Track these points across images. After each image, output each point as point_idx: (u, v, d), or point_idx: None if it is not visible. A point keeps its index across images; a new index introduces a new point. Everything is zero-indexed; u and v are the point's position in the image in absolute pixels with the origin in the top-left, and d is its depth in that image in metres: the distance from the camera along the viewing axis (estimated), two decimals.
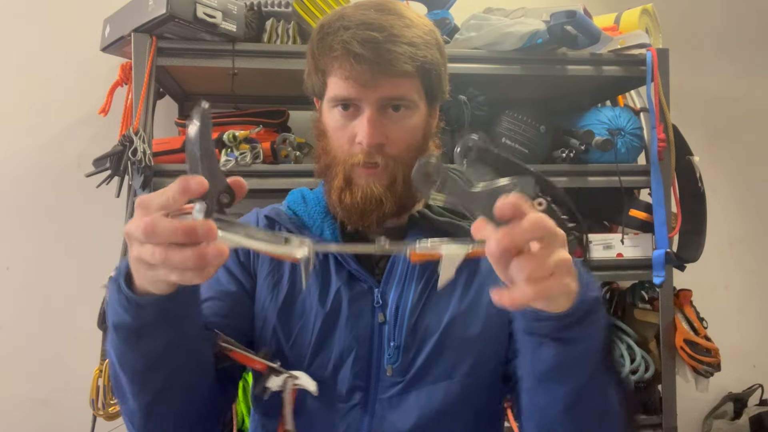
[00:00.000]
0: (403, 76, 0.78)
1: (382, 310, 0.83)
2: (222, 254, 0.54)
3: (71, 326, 1.81)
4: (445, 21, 1.57)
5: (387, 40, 0.76)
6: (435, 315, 0.83)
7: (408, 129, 0.81)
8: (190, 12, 1.34)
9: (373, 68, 0.76)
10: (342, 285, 0.84)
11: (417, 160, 0.61)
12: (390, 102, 0.80)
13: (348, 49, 0.76)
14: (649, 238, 1.62)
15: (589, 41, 1.52)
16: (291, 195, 0.94)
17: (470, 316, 0.84)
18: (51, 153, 1.85)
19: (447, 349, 0.82)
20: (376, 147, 0.79)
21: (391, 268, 0.85)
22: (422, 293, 0.84)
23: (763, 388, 2.12)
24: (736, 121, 2.22)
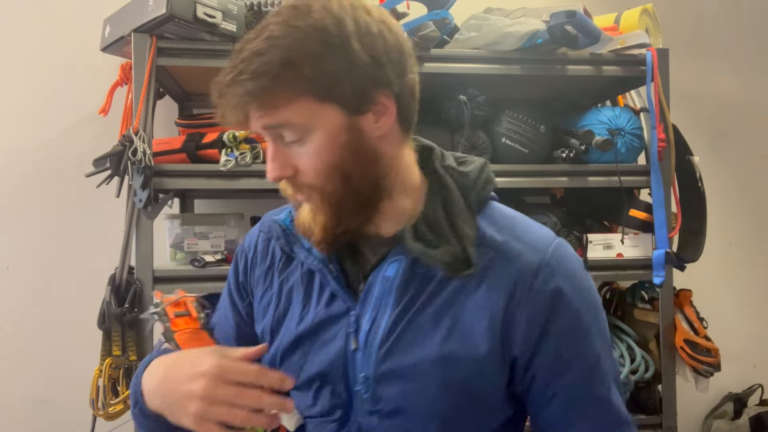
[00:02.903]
0: (273, 107, 0.69)
1: (356, 336, 0.78)
2: None
3: (71, 326, 1.81)
4: (445, 21, 1.56)
5: (231, 81, 0.68)
6: (408, 353, 0.75)
7: (310, 154, 0.71)
8: (190, 12, 1.34)
9: (233, 112, 0.70)
10: (322, 305, 0.81)
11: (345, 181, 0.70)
12: (278, 132, 0.71)
13: (212, 96, 0.71)
14: (649, 238, 1.62)
15: (589, 41, 1.52)
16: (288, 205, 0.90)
17: (449, 361, 0.74)
18: (51, 153, 1.85)
19: (426, 391, 0.75)
20: (287, 179, 0.73)
21: (369, 290, 0.78)
22: (397, 321, 0.76)
23: (763, 388, 2.12)
24: (736, 121, 2.22)
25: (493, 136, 1.62)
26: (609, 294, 1.87)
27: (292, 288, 0.85)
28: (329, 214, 0.73)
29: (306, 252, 0.82)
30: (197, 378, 0.69)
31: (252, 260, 0.90)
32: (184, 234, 1.54)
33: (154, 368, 0.78)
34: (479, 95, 1.57)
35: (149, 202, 1.36)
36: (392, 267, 0.77)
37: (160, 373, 0.76)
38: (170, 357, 0.78)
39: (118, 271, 1.40)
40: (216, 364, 0.70)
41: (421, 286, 0.76)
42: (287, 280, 0.85)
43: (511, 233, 0.77)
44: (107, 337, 1.37)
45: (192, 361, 0.73)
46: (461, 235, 0.75)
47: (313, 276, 0.83)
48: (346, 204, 0.73)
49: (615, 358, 0.81)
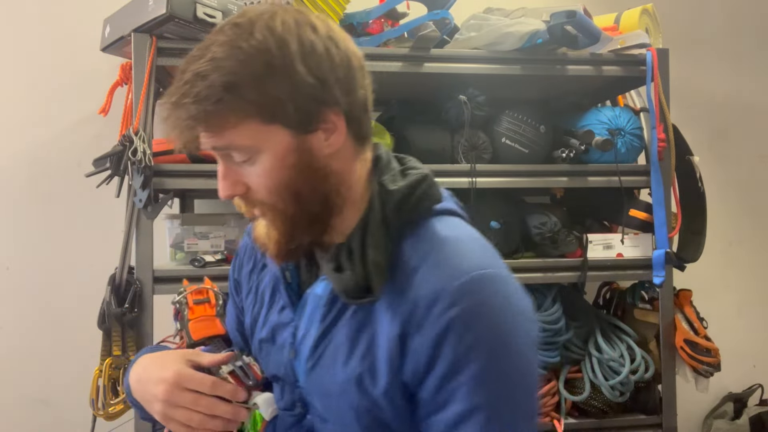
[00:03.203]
0: (220, 129, 0.68)
1: (293, 346, 0.83)
2: None
3: (71, 326, 1.81)
4: (445, 21, 1.57)
5: (173, 105, 0.68)
6: (331, 370, 0.76)
7: (259, 174, 0.71)
8: (190, 12, 1.34)
9: (180, 134, 0.69)
10: (276, 311, 0.87)
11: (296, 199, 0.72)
12: (227, 152, 0.71)
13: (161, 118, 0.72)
14: (649, 238, 1.62)
15: (589, 41, 1.52)
16: None
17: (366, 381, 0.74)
18: (51, 153, 1.85)
19: (341, 410, 0.76)
20: (239, 197, 0.74)
21: (303, 304, 0.81)
22: (321, 338, 0.78)
23: (763, 388, 2.12)
24: (736, 121, 2.22)
25: (493, 136, 1.62)
26: (609, 294, 1.87)
27: (264, 290, 0.91)
28: (281, 230, 0.74)
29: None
30: (160, 383, 0.78)
31: (242, 259, 0.97)
32: (184, 234, 1.54)
33: (136, 366, 0.86)
34: (479, 95, 1.57)
35: (149, 202, 1.36)
36: (321, 285, 0.79)
37: (137, 374, 0.84)
38: (147, 358, 0.85)
39: (118, 271, 1.40)
40: (176, 372, 0.78)
41: (344, 307, 0.77)
42: (262, 281, 0.92)
43: (427, 258, 0.71)
44: (107, 337, 1.37)
45: (160, 366, 0.81)
46: (366, 261, 0.72)
47: (278, 280, 0.86)
48: (298, 221, 0.73)
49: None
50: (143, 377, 0.83)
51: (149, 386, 0.80)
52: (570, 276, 1.59)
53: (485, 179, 1.54)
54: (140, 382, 0.83)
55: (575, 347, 1.62)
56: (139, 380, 0.83)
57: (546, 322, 1.56)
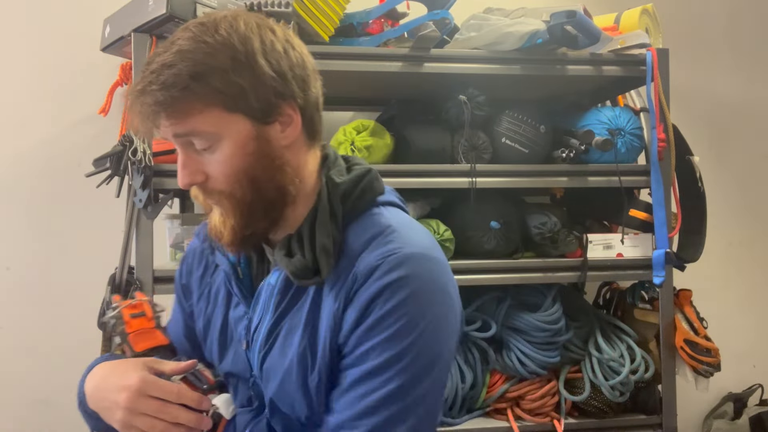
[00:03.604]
0: (184, 115, 0.72)
1: (246, 337, 0.86)
2: None
3: (71, 326, 1.81)
4: (445, 21, 1.56)
5: (140, 92, 0.72)
6: (282, 353, 0.82)
7: (220, 162, 0.75)
8: (190, 12, 1.34)
9: (143, 121, 0.74)
10: (232, 307, 0.90)
11: (254, 187, 0.75)
12: (188, 140, 0.75)
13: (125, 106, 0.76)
14: (649, 238, 1.62)
15: (589, 41, 1.52)
16: None
17: (306, 354, 0.80)
18: (51, 153, 1.85)
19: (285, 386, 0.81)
20: (198, 186, 0.77)
21: (258, 295, 0.85)
22: (275, 324, 0.83)
23: (763, 388, 2.12)
24: (736, 121, 2.22)
25: (493, 136, 1.62)
26: (609, 294, 1.87)
27: (217, 291, 0.93)
28: (238, 217, 0.77)
29: (222, 256, 0.89)
30: (122, 390, 0.77)
31: (191, 264, 0.98)
32: (184, 234, 1.54)
33: (93, 375, 0.85)
34: (479, 95, 1.57)
35: (149, 202, 1.36)
36: (274, 274, 0.83)
37: (95, 381, 0.84)
38: (106, 366, 0.85)
39: (118, 271, 1.40)
40: (140, 379, 0.77)
41: (295, 293, 0.82)
42: (215, 282, 0.94)
43: (369, 243, 0.78)
44: (107, 337, 1.37)
45: (121, 373, 0.80)
46: (315, 245, 0.78)
47: (229, 277, 0.89)
48: (254, 208, 0.77)
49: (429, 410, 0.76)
50: (102, 385, 0.82)
51: (110, 394, 0.79)
52: (570, 276, 1.59)
53: (485, 179, 1.54)
54: (99, 390, 0.82)
55: (575, 347, 1.62)
56: (96, 388, 0.83)
57: (546, 322, 1.56)
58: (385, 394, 0.72)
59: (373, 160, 1.54)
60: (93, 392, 0.83)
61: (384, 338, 0.73)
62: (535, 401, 1.57)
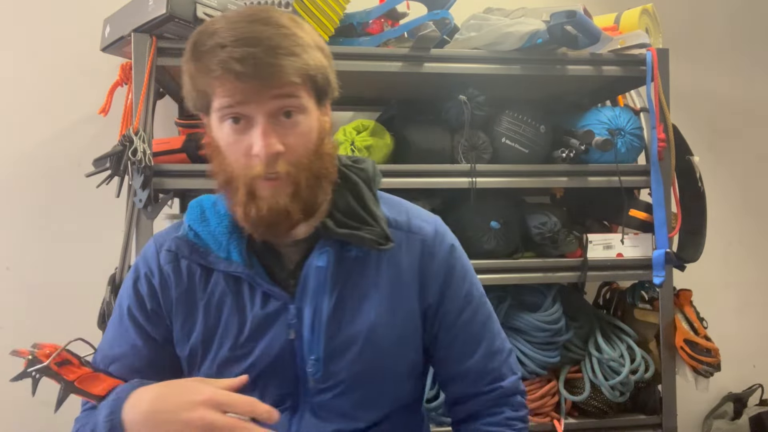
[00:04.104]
0: (292, 85, 0.78)
1: (296, 327, 0.87)
2: None
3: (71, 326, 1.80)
4: (445, 21, 1.56)
5: (266, 54, 0.75)
6: (354, 324, 0.88)
7: (303, 134, 0.81)
8: (190, 12, 1.34)
9: (258, 84, 0.76)
10: (257, 307, 0.87)
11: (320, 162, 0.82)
12: (281, 110, 0.79)
13: (228, 68, 0.74)
14: (649, 238, 1.62)
15: (589, 41, 1.52)
16: (189, 211, 0.92)
17: (389, 322, 0.89)
18: (51, 153, 1.85)
19: (367, 356, 0.88)
20: (274, 156, 0.78)
21: (303, 283, 0.87)
22: (338, 304, 0.87)
23: (763, 388, 2.12)
24: (736, 121, 2.22)
25: (493, 136, 1.62)
26: (609, 294, 1.87)
27: (221, 300, 0.89)
28: (308, 192, 0.81)
29: (225, 261, 0.87)
30: (196, 407, 0.74)
31: (161, 284, 0.91)
32: None
33: (137, 400, 0.80)
34: (479, 95, 1.57)
35: (149, 202, 1.36)
36: (322, 258, 0.87)
37: (146, 406, 0.78)
38: (152, 389, 0.81)
39: (118, 271, 1.40)
40: (213, 394, 0.75)
41: (351, 268, 0.89)
42: (213, 293, 0.89)
43: (406, 214, 0.95)
44: None
45: (185, 390, 0.77)
46: (377, 217, 0.89)
47: (239, 283, 0.88)
48: (319, 184, 0.83)
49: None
50: (162, 407, 0.77)
51: (179, 414, 0.74)
52: (570, 276, 1.59)
53: (485, 179, 1.54)
54: (158, 413, 0.77)
55: (575, 347, 1.62)
56: (154, 411, 0.77)
57: (546, 322, 1.56)
58: (492, 320, 1.00)
59: (373, 160, 1.54)
60: (147, 417, 0.77)
61: (469, 287, 0.96)
62: (535, 401, 1.57)
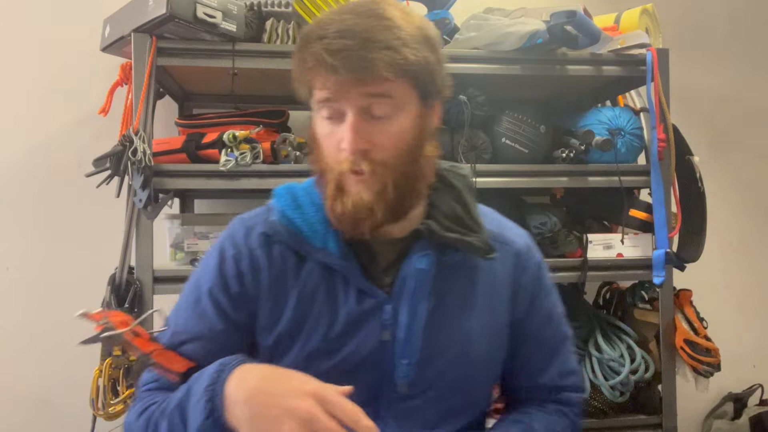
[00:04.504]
0: (384, 80, 0.75)
1: (391, 328, 0.84)
2: None
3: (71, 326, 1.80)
4: (445, 21, 1.57)
5: (361, 47, 0.73)
6: (449, 331, 0.86)
7: (394, 132, 0.78)
8: (190, 12, 1.34)
9: (349, 78, 0.74)
10: (351, 303, 0.84)
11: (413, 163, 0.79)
12: (371, 106, 0.77)
13: (321, 60, 0.75)
14: (649, 238, 1.62)
15: (589, 41, 1.52)
16: (280, 197, 0.89)
17: (483, 332, 0.89)
18: (51, 153, 1.85)
19: (460, 364, 0.87)
20: (361, 153, 0.77)
21: (402, 284, 0.84)
22: (434, 309, 0.85)
23: (763, 388, 2.12)
24: (736, 121, 2.22)
25: (493, 136, 1.62)
26: (609, 294, 1.86)
27: (313, 290, 0.85)
28: (395, 192, 0.79)
29: (321, 251, 0.84)
30: (305, 397, 0.69)
31: (251, 268, 0.86)
32: (184, 234, 1.54)
33: (245, 375, 0.74)
34: (479, 95, 1.57)
35: (149, 202, 1.36)
36: (423, 260, 0.84)
37: (253, 384, 0.73)
38: (262, 367, 0.76)
39: (118, 271, 1.40)
40: (323, 388, 0.70)
41: (449, 274, 0.87)
42: (306, 282, 0.85)
43: (498, 225, 0.95)
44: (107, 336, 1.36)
45: (294, 377, 0.73)
46: (480, 226, 0.88)
47: (333, 275, 0.85)
48: (410, 184, 0.81)
49: None
50: (269, 389, 0.71)
51: (286, 400, 0.69)
52: (570, 276, 1.59)
53: (485, 179, 1.54)
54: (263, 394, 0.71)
55: (575, 347, 1.62)
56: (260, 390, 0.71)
57: None
58: (568, 343, 0.99)
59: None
60: (250, 396, 0.71)
61: (554, 303, 0.98)
62: None
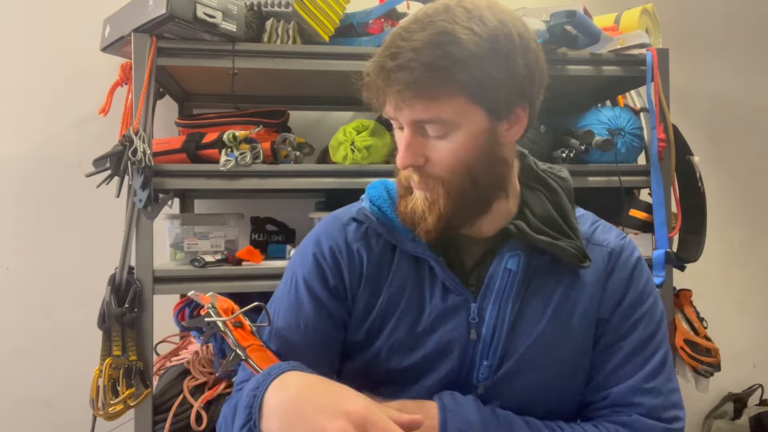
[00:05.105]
0: (431, 100, 0.72)
1: (476, 327, 0.82)
2: None
3: (71, 326, 1.81)
4: None
5: (397, 67, 0.71)
6: (534, 334, 0.83)
7: (448, 149, 0.75)
8: (190, 12, 1.34)
9: (397, 96, 0.73)
10: (437, 299, 0.83)
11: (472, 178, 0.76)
12: (424, 125, 0.75)
13: (372, 77, 0.76)
14: (649, 238, 1.62)
15: (589, 41, 1.52)
16: (373, 189, 0.90)
17: (559, 336, 0.83)
18: (51, 153, 1.86)
19: (537, 371, 0.82)
20: (415, 168, 0.77)
21: (489, 283, 0.83)
22: (520, 311, 0.83)
23: (763, 388, 2.12)
24: (736, 121, 2.22)
25: None
26: None
27: (403, 282, 0.85)
28: (449, 206, 0.77)
29: (411, 241, 0.84)
30: (340, 416, 0.63)
31: (348, 261, 0.86)
32: (184, 234, 1.54)
33: (285, 382, 0.71)
34: None
35: (149, 202, 1.36)
36: (512, 261, 0.83)
37: (291, 392, 0.69)
38: (307, 377, 0.72)
39: (118, 271, 1.40)
40: (364, 410, 0.64)
41: (538, 275, 0.84)
42: (396, 274, 0.85)
43: (593, 226, 0.90)
44: (107, 337, 1.37)
45: (339, 392, 0.68)
46: (577, 231, 0.85)
47: (420, 268, 0.85)
48: (467, 199, 0.78)
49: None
50: (304, 398, 0.67)
51: (319, 417, 0.64)
52: None
53: None
54: (300, 403, 0.67)
55: None
56: (297, 399, 0.67)
57: None
58: (660, 358, 0.84)
59: (373, 160, 1.54)
60: (284, 405, 0.68)
61: (647, 310, 0.85)
62: None
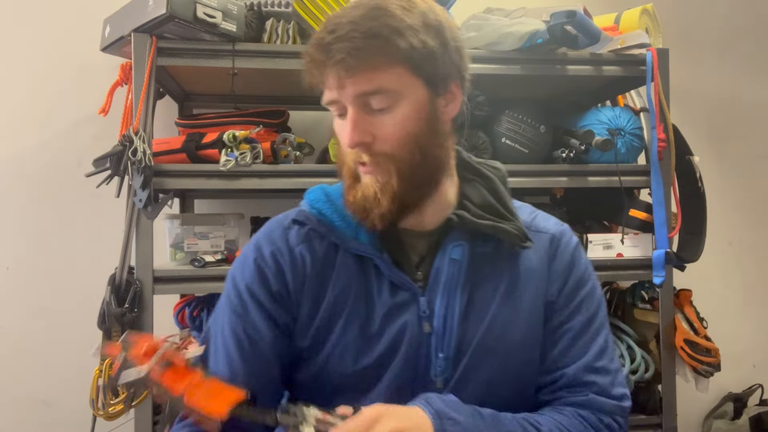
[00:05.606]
0: (373, 70, 0.73)
1: (429, 320, 0.82)
2: None
3: (71, 326, 1.81)
4: None
5: (344, 38, 0.72)
6: (484, 325, 0.83)
7: (396, 123, 0.76)
8: (190, 12, 1.34)
9: (337, 70, 0.73)
10: (386, 296, 0.82)
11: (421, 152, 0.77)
12: (366, 97, 0.75)
13: (309, 55, 0.76)
14: (649, 238, 1.62)
15: (589, 41, 1.52)
16: (312, 193, 0.90)
17: (511, 319, 0.84)
18: (51, 153, 1.86)
19: (494, 359, 0.83)
20: (363, 146, 0.76)
21: (436, 275, 0.83)
22: (469, 301, 0.83)
23: (763, 388, 2.12)
24: (736, 121, 2.22)
25: (493, 136, 1.62)
26: (609, 294, 1.86)
27: (348, 283, 0.83)
28: (401, 184, 0.77)
29: (354, 240, 0.84)
30: None
31: (291, 265, 0.84)
32: (184, 234, 1.54)
33: None
34: (479, 95, 1.57)
35: (149, 202, 1.36)
36: (456, 251, 0.83)
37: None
38: None
39: (118, 271, 1.40)
40: None
41: (482, 264, 0.85)
42: (340, 274, 0.84)
43: (532, 215, 0.93)
44: (107, 337, 1.37)
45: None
46: (515, 214, 0.88)
47: (365, 267, 0.84)
48: (417, 174, 0.78)
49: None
50: None
51: None
52: None
53: None
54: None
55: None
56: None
57: None
58: (604, 337, 0.88)
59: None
60: None
61: (588, 291, 0.89)
62: None
